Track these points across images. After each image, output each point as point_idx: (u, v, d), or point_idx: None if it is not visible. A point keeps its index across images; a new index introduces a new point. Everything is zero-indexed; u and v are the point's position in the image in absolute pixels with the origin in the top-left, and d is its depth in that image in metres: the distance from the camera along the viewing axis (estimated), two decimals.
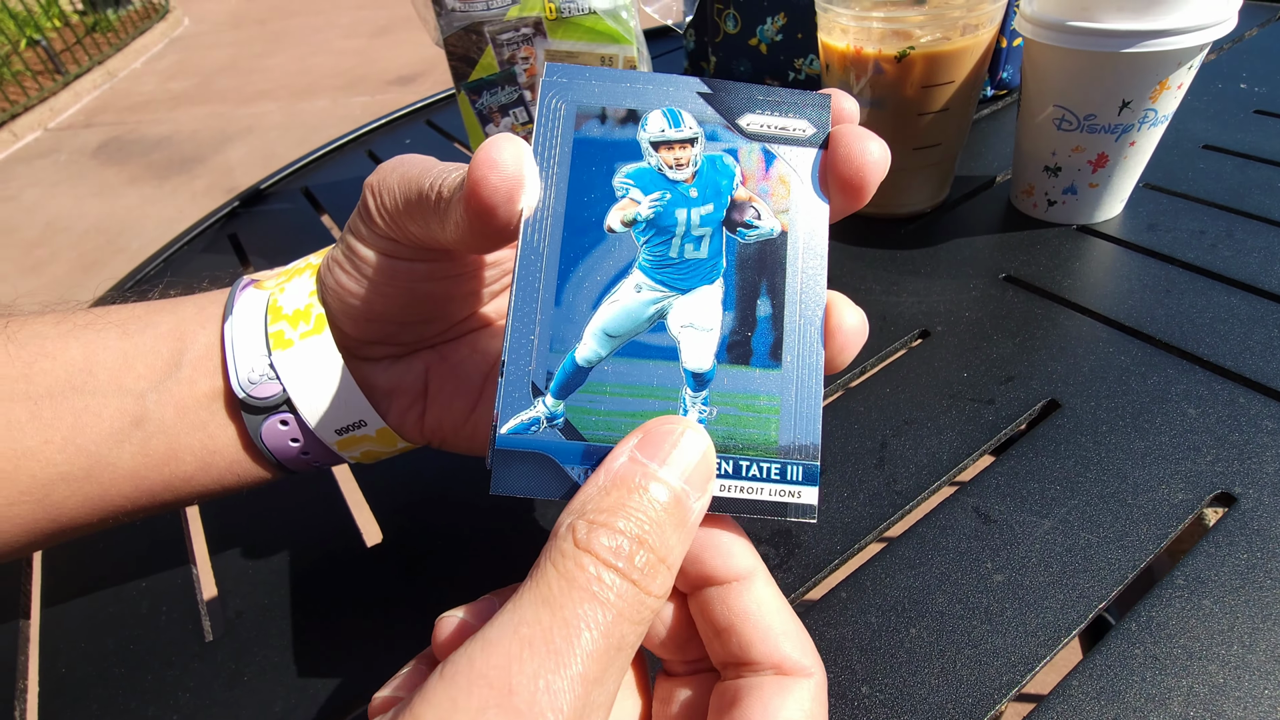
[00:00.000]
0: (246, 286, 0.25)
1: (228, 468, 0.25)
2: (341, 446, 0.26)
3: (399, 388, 0.26)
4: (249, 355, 0.24)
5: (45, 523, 0.24)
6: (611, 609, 0.15)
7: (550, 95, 0.20)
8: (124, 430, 0.23)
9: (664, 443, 0.17)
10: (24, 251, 2.56)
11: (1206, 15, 0.35)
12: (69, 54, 3.94)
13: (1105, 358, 0.35)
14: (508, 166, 0.18)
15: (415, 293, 0.24)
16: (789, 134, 0.20)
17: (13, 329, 0.24)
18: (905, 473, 0.32)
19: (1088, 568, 0.27)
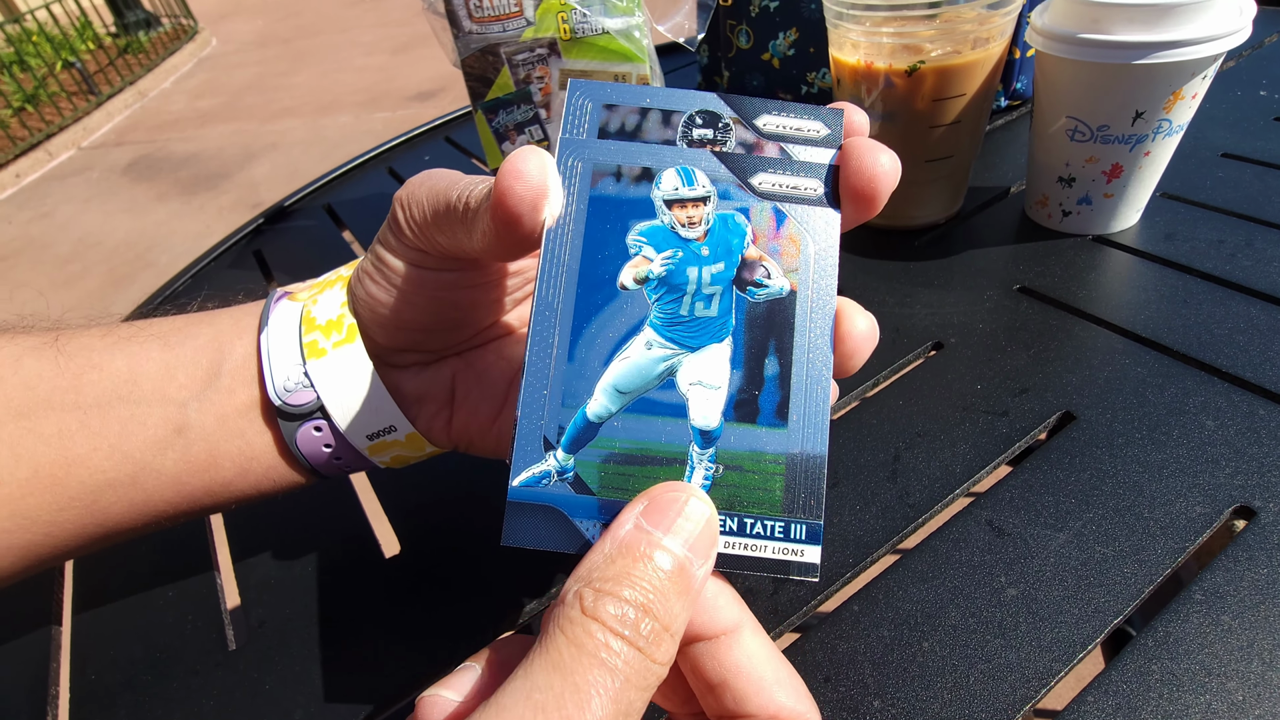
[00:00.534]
0: (280, 299, 0.26)
1: (264, 473, 0.26)
2: (372, 451, 0.27)
3: (427, 394, 0.27)
4: (284, 364, 0.25)
5: (93, 528, 0.25)
6: (620, 675, 0.15)
7: (568, 153, 0.20)
8: (167, 438, 0.25)
9: (669, 510, 0.18)
10: (57, 266, 2.63)
11: (1220, 26, 0.35)
12: (102, 75, 4.06)
13: (1121, 369, 0.35)
14: (533, 177, 0.19)
15: (442, 301, 0.25)
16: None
17: (62, 342, 0.25)
18: (918, 485, 0.32)
19: (1103, 582, 0.27)
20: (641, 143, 0.20)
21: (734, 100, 0.21)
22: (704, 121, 0.20)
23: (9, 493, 0.23)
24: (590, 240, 0.20)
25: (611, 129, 0.20)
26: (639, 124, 0.20)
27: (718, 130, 0.20)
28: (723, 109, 0.20)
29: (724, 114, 0.20)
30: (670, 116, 0.20)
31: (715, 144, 0.20)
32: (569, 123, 0.20)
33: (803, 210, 0.20)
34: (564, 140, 0.20)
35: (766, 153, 0.20)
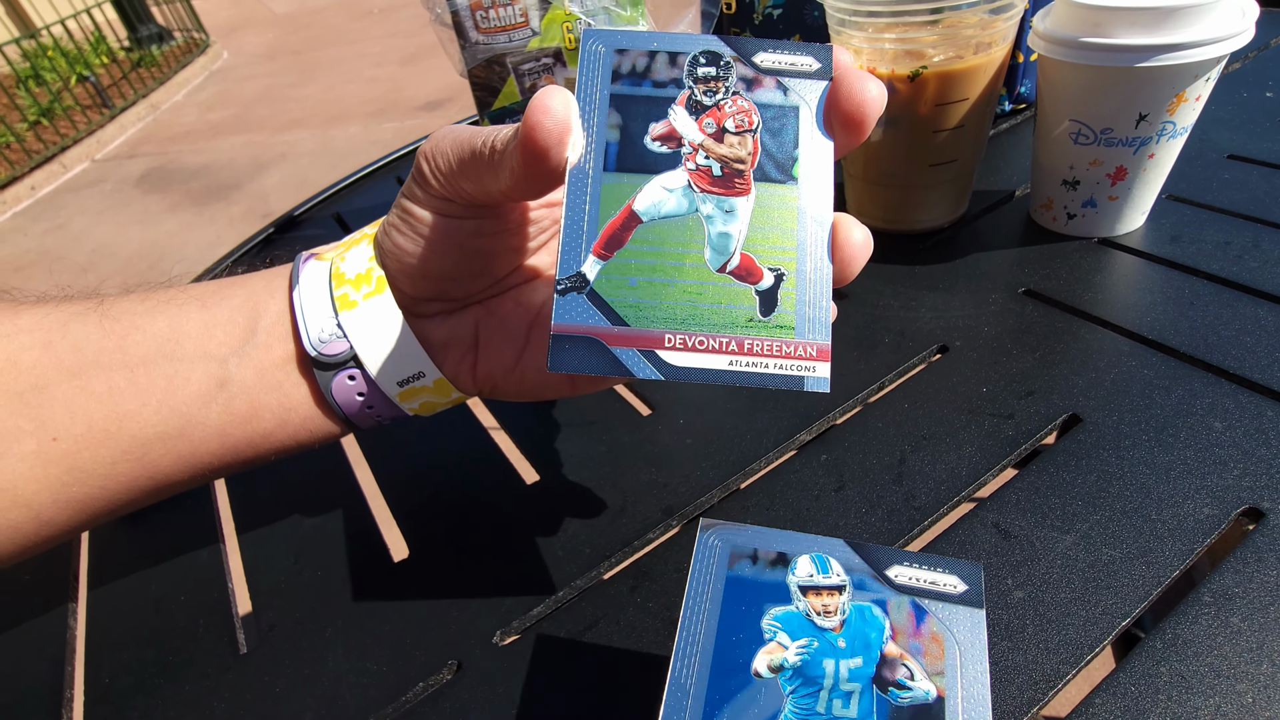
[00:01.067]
0: (308, 260, 0.28)
1: (301, 424, 0.28)
2: (402, 398, 0.28)
3: (452, 340, 0.28)
4: (318, 318, 0.26)
5: (144, 480, 0.26)
6: None
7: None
8: (210, 392, 0.26)
9: None
10: (72, 277, 2.66)
11: (1222, 28, 0.35)
12: (115, 88, 4.12)
13: (1127, 371, 0.35)
14: (559, 112, 0.20)
15: (466, 249, 0.26)
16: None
17: (105, 307, 0.26)
18: (924, 488, 0.32)
19: (1110, 584, 0.27)
20: (651, 83, 0.22)
21: (733, 41, 0.22)
22: (707, 60, 0.22)
23: (66, 448, 0.24)
24: (725, 622, 0.20)
25: (624, 70, 0.22)
26: (648, 65, 0.22)
27: (719, 68, 0.22)
28: (723, 49, 0.22)
29: (724, 53, 0.22)
30: (676, 57, 0.22)
31: (718, 80, 0.22)
32: (584, 67, 0.22)
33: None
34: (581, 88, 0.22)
35: (765, 85, 0.22)
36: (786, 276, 0.21)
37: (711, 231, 0.21)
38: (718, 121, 0.22)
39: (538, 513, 0.35)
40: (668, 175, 0.21)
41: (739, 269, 0.21)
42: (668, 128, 0.22)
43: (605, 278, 0.21)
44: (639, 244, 0.21)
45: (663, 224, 0.21)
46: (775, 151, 0.22)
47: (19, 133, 3.56)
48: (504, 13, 0.41)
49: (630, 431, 0.38)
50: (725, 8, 0.57)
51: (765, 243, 0.21)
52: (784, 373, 0.20)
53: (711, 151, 0.22)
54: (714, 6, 0.47)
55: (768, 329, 0.21)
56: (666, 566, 0.31)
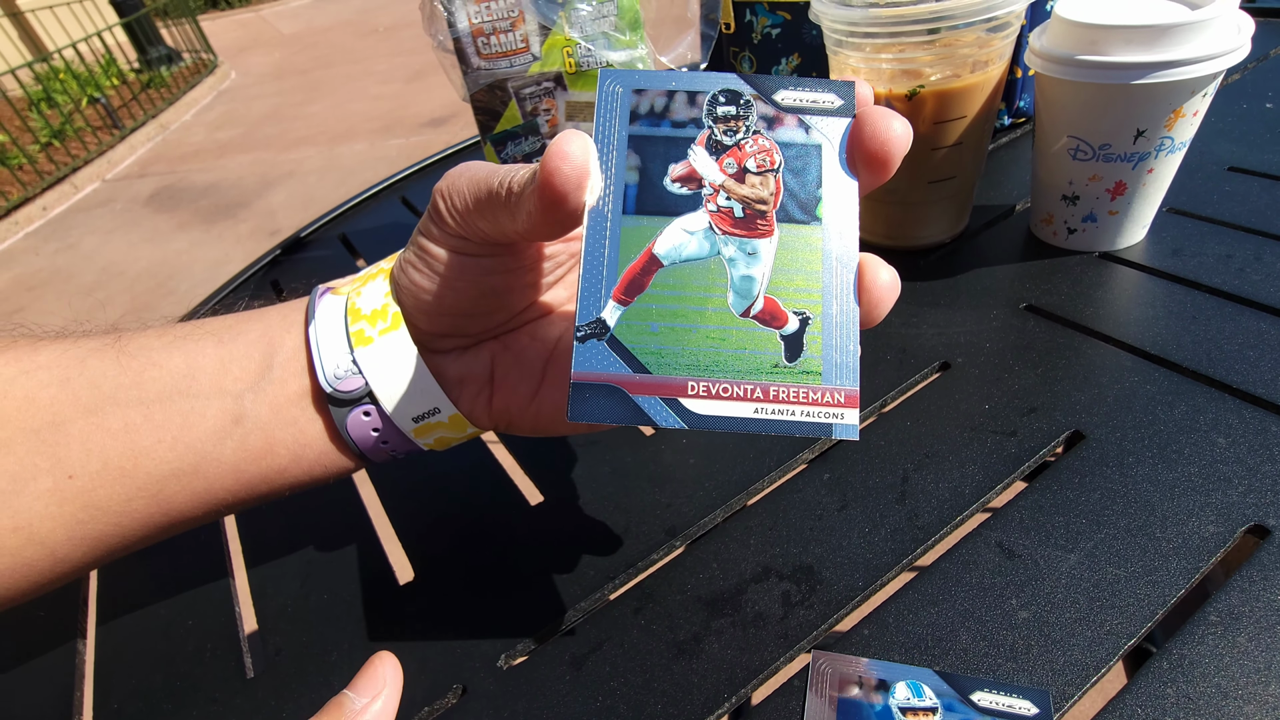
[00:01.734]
0: (324, 294, 0.28)
1: (316, 459, 0.28)
2: (417, 434, 0.28)
3: (468, 376, 0.28)
4: (333, 353, 0.26)
5: (159, 517, 0.26)
6: None
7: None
8: (225, 428, 0.26)
9: None
10: (81, 296, 2.69)
11: (1217, 44, 0.35)
12: (125, 109, 4.18)
13: (1130, 387, 0.35)
14: (577, 158, 0.20)
15: (482, 286, 0.26)
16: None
17: (123, 343, 0.27)
18: (927, 507, 0.32)
19: (1116, 603, 0.27)
20: (670, 123, 0.22)
21: (753, 79, 0.22)
22: (726, 99, 0.22)
23: (82, 485, 0.24)
24: None
25: (642, 111, 0.22)
26: (667, 105, 0.22)
27: (739, 106, 0.22)
28: (743, 87, 0.22)
29: (744, 91, 0.22)
30: (695, 97, 0.22)
31: (738, 119, 0.22)
32: (602, 109, 0.22)
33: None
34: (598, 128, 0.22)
35: (786, 123, 0.22)
36: (812, 320, 0.21)
37: (734, 275, 0.21)
38: (739, 161, 0.22)
39: (541, 534, 0.35)
40: (688, 217, 0.21)
41: (763, 313, 0.21)
42: (688, 169, 0.21)
43: (626, 324, 0.21)
44: (660, 288, 0.21)
45: (684, 268, 0.21)
46: (798, 191, 0.21)
47: (31, 154, 3.62)
48: (505, 39, 0.42)
49: (633, 451, 0.38)
50: (724, 28, 0.58)
51: (789, 285, 0.21)
52: (811, 420, 0.20)
53: (733, 192, 0.21)
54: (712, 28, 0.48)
55: (793, 375, 0.20)
56: (670, 588, 0.31)
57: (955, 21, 0.38)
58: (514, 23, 0.41)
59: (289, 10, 7.01)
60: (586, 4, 0.41)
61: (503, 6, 0.41)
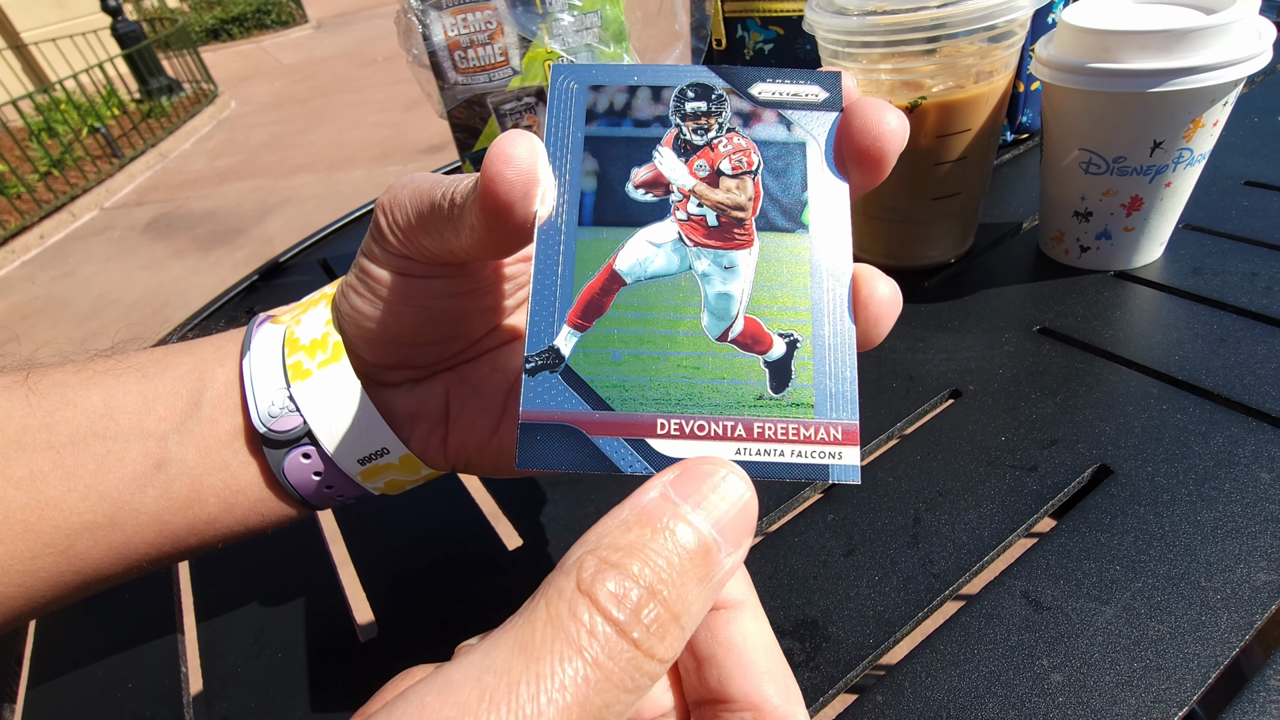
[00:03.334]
0: (263, 322, 0.25)
1: (251, 507, 0.25)
2: (364, 477, 0.25)
3: (419, 412, 0.25)
4: (268, 389, 0.24)
5: (69, 575, 0.23)
6: (597, 669, 0.13)
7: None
8: (146, 474, 0.23)
9: (701, 483, 0.15)
10: (76, 324, 2.67)
11: (1239, 50, 0.33)
12: (125, 139, 4.20)
13: (1159, 416, 0.32)
14: (522, 161, 0.17)
15: (431, 311, 0.23)
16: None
17: (34, 380, 0.24)
18: (942, 552, 0.29)
19: (1161, 664, 0.24)
20: (632, 120, 0.19)
21: (726, 70, 0.19)
22: (696, 94, 0.19)
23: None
24: None
25: (600, 109, 0.19)
26: (628, 102, 0.19)
27: (711, 102, 0.19)
28: (714, 80, 0.19)
29: (716, 85, 0.19)
30: (660, 92, 0.19)
31: (709, 115, 0.19)
32: (555, 107, 0.19)
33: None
34: (550, 129, 0.19)
35: (765, 120, 0.19)
36: (801, 343, 0.18)
37: (709, 292, 0.18)
38: (711, 163, 0.19)
39: (520, 582, 0.32)
40: (654, 228, 0.19)
41: (743, 336, 0.18)
42: (653, 173, 0.19)
43: (583, 352, 0.18)
44: (623, 310, 0.18)
45: (650, 285, 0.18)
46: (780, 195, 0.19)
47: (30, 183, 3.63)
48: (483, 52, 0.40)
49: (620, 491, 0.35)
50: (715, 44, 0.56)
51: (774, 303, 0.18)
52: (803, 461, 0.17)
53: (705, 198, 0.19)
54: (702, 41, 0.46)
55: (781, 408, 0.17)
56: None
57: (955, 30, 0.36)
58: (492, 35, 0.39)
59: (289, 41, 7.11)
60: (568, 14, 0.39)
61: (480, 18, 0.39)
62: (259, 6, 7.55)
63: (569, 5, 0.39)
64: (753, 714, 0.16)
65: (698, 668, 0.17)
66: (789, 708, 0.16)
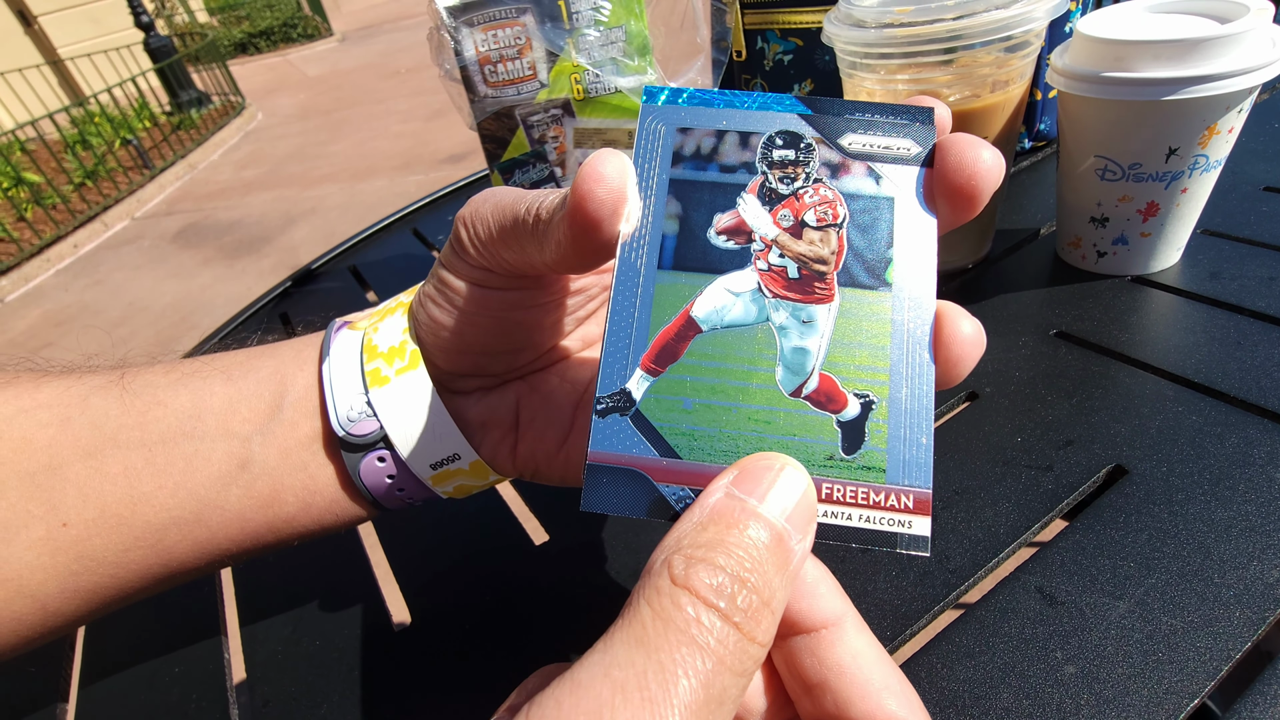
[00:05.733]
0: (341, 328, 0.26)
1: (327, 507, 0.26)
2: (435, 481, 0.26)
3: (491, 420, 0.26)
4: (347, 394, 0.24)
5: (158, 568, 0.24)
6: (712, 656, 0.14)
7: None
8: (231, 473, 0.24)
9: (762, 479, 0.16)
10: (107, 330, 2.74)
11: (1253, 59, 0.33)
12: (156, 150, 4.32)
13: (1174, 418, 0.33)
14: (613, 180, 0.18)
15: (506, 321, 0.24)
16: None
17: (127, 380, 0.25)
18: (959, 549, 0.29)
19: (1174, 658, 0.24)
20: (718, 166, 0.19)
21: (817, 119, 0.19)
22: (785, 142, 0.19)
23: (77, 534, 0.23)
24: None
25: (686, 152, 0.19)
26: (715, 146, 0.19)
27: (799, 150, 0.19)
28: (804, 129, 0.19)
29: (806, 134, 0.19)
30: (748, 138, 0.19)
31: (797, 164, 0.19)
32: (641, 148, 0.19)
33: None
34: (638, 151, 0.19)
35: (853, 172, 0.19)
36: (877, 405, 0.17)
37: (785, 346, 0.18)
38: (795, 214, 0.19)
39: (547, 575, 0.33)
40: (734, 276, 0.18)
41: (817, 393, 0.18)
42: (736, 220, 0.19)
43: (655, 398, 0.18)
44: (697, 358, 0.18)
45: (726, 335, 0.18)
46: (865, 251, 0.18)
47: (65, 194, 3.73)
48: (512, 66, 0.41)
49: None
50: (735, 55, 0.57)
51: (851, 361, 0.18)
52: (871, 527, 0.17)
53: (787, 249, 0.18)
54: (723, 54, 0.47)
55: (851, 470, 0.17)
56: None
57: (972, 41, 0.37)
58: (521, 50, 0.41)
59: (315, 54, 7.26)
60: (594, 30, 0.40)
61: (510, 34, 0.40)
62: (286, 20, 7.72)
63: (595, 21, 0.41)
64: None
65: (811, 694, 0.17)
66: (913, 718, 0.17)
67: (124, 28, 5.31)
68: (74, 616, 0.24)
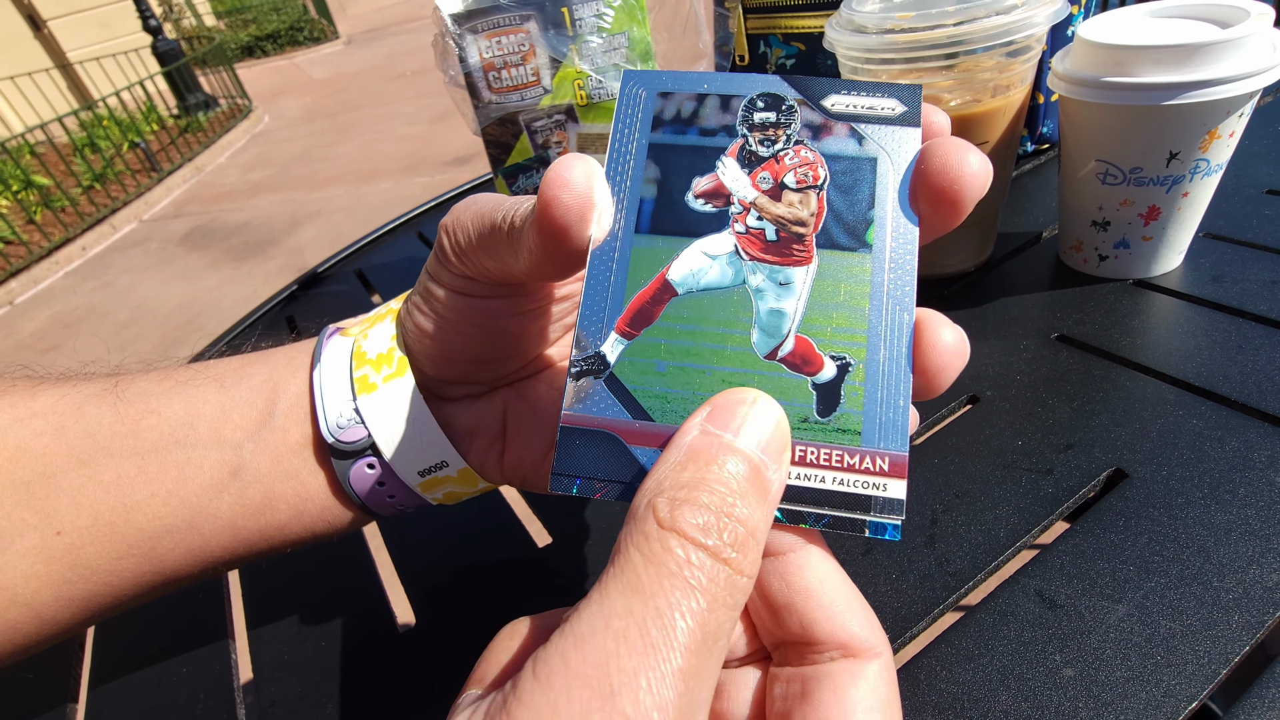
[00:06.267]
0: (333, 334, 0.26)
1: (319, 514, 0.26)
2: (424, 488, 0.26)
3: (479, 427, 0.26)
4: (336, 401, 0.25)
5: (151, 575, 0.25)
6: (706, 594, 0.14)
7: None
8: (223, 481, 0.24)
9: (735, 413, 0.16)
10: (115, 332, 2.76)
11: (1254, 63, 0.34)
12: (164, 153, 4.34)
13: (1175, 421, 0.33)
14: (578, 185, 0.18)
15: (491, 329, 0.24)
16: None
17: (121, 388, 0.25)
18: (959, 552, 0.30)
19: (1172, 661, 0.24)
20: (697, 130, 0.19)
21: (799, 81, 0.19)
22: (766, 104, 0.19)
23: (71, 542, 0.23)
24: None
25: (667, 116, 0.19)
26: (696, 110, 0.19)
27: (780, 113, 0.19)
28: (786, 90, 0.19)
29: (788, 96, 0.19)
30: (729, 101, 0.19)
31: (778, 126, 0.19)
32: (621, 113, 0.19)
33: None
34: (615, 142, 0.19)
35: (835, 133, 0.18)
36: (854, 367, 0.17)
37: (761, 308, 0.18)
38: (775, 176, 0.18)
39: (551, 578, 0.33)
40: (711, 239, 0.18)
41: (793, 355, 0.17)
42: (715, 183, 0.18)
43: (629, 361, 0.18)
44: (672, 321, 0.18)
45: (702, 298, 0.18)
46: (845, 212, 0.18)
47: (73, 197, 3.76)
48: (516, 72, 0.42)
49: None
50: (738, 60, 0.58)
51: (828, 324, 0.17)
52: (844, 490, 0.17)
53: (766, 211, 0.18)
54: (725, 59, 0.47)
55: (826, 433, 0.17)
56: None
57: (973, 46, 0.37)
58: (525, 56, 0.41)
59: (321, 57, 7.29)
60: (597, 36, 0.41)
61: (514, 40, 0.41)
62: (292, 23, 7.75)
63: (598, 28, 0.41)
64: (840, 651, 0.17)
65: (774, 615, 0.18)
66: (874, 638, 0.17)
67: (132, 31, 5.34)
68: (69, 624, 0.24)
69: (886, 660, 0.17)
